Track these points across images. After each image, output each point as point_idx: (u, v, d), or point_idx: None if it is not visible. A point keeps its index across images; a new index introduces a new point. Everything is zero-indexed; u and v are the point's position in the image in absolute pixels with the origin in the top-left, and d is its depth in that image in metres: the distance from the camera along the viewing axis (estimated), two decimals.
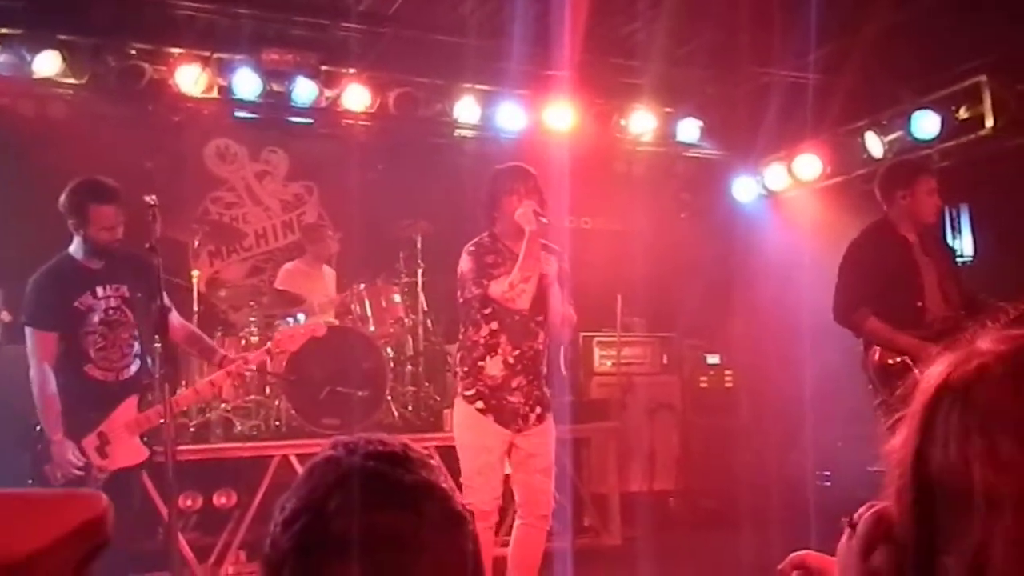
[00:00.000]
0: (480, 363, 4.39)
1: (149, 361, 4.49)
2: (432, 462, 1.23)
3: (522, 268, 4.24)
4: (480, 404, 4.39)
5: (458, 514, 1.18)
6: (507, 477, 4.55)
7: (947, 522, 1.04)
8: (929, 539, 1.05)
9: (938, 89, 6.65)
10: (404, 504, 1.13)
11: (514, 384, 4.37)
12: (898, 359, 4.64)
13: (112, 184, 4.43)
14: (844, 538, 1.17)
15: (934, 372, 1.10)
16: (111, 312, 4.48)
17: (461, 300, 4.48)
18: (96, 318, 4.44)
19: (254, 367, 5.19)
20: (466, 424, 4.46)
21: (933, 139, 6.72)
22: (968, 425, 1.03)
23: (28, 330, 4.43)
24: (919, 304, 4.71)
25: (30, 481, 4.35)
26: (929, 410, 1.08)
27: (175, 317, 4.60)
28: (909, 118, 6.79)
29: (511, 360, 4.36)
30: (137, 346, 4.53)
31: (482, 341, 4.39)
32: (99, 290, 4.47)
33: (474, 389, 4.40)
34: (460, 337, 4.59)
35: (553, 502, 4.53)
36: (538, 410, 4.45)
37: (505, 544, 4.68)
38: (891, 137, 7.05)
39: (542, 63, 6.93)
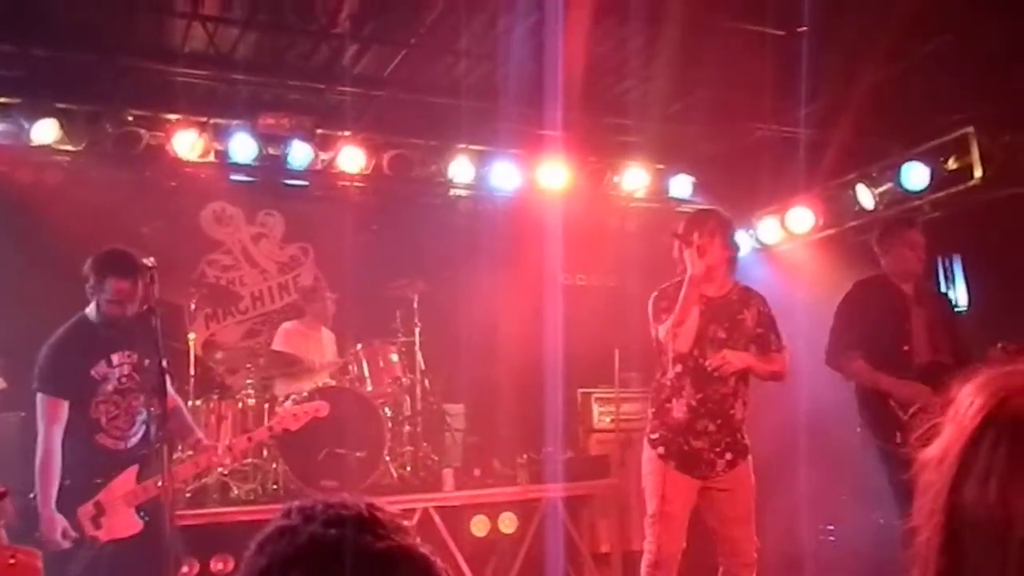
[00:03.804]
0: (667, 404, 4.53)
1: (151, 429, 4.41)
2: (405, 524, 1.06)
3: (678, 312, 4.40)
4: (662, 450, 4.52)
5: None
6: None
7: (976, 559, 0.99)
8: (956, 572, 1.01)
9: (926, 141, 6.72)
10: None
11: (699, 428, 4.46)
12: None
13: (135, 260, 4.28)
14: None
15: (976, 399, 1.04)
16: (123, 380, 4.44)
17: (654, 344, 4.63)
18: (110, 387, 4.40)
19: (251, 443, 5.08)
20: (648, 468, 4.57)
21: (923, 190, 6.78)
22: (1017, 464, 0.97)
23: (39, 396, 4.29)
24: (905, 348, 4.97)
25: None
26: (972, 441, 1.01)
27: (169, 385, 4.52)
28: (899, 170, 6.86)
29: (694, 403, 4.46)
30: (144, 413, 4.48)
31: (668, 384, 4.53)
32: (114, 357, 4.43)
33: (658, 433, 4.55)
34: (654, 379, 4.70)
35: (755, 551, 4.56)
36: (728, 456, 4.51)
37: None
38: (882, 189, 7.11)
39: (535, 123, 6.99)
